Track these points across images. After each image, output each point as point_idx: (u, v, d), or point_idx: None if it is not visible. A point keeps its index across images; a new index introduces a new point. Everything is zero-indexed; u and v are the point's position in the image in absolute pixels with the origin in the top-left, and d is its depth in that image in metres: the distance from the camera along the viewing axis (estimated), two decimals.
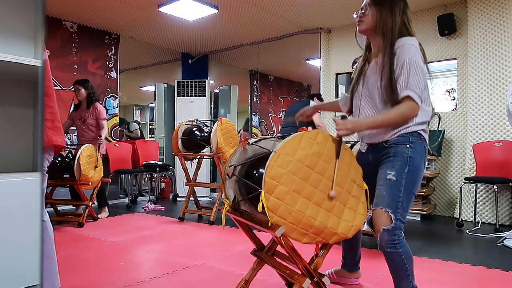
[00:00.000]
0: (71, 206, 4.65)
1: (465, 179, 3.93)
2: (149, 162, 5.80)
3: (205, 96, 6.38)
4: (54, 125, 1.62)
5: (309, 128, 1.63)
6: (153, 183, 6.15)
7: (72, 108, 4.48)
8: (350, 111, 1.99)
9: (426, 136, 1.77)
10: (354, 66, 2.07)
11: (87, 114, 4.20)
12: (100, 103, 4.39)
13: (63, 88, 5.11)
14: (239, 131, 7.88)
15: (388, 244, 1.64)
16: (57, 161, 3.90)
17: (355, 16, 1.81)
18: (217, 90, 7.26)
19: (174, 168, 6.12)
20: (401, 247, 1.66)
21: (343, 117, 1.65)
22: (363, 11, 1.76)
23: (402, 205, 1.65)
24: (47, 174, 1.72)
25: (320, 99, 4.33)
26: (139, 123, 8.56)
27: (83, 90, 4.19)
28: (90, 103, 4.20)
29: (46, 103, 1.56)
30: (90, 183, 3.92)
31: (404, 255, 1.67)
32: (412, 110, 1.64)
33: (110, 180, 4.59)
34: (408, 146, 1.68)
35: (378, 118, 1.70)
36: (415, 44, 1.69)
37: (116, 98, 5.80)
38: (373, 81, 1.76)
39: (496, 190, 3.84)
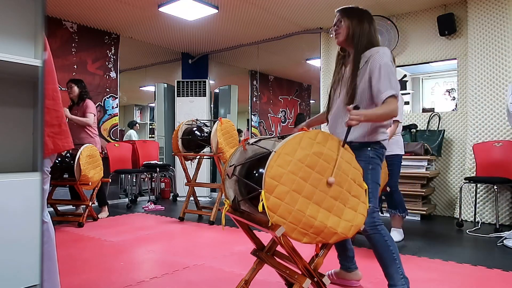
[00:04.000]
0: (71, 206, 4.65)
1: (465, 179, 3.93)
2: (149, 162, 5.80)
3: (205, 96, 6.38)
4: (61, 129, 1.61)
5: (310, 128, 1.63)
6: (153, 183, 6.15)
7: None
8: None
9: (385, 142, 1.99)
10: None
11: (78, 111, 4.21)
12: (100, 103, 4.39)
13: (62, 89, 5.10)
14: (244, 131, 7.89)
15: (369, 226, 1.85)
16: (57, 161, 3.90)
17: (330, 31, 2.02)
18: (217, 90, 7.26)
19: (174, 168, 6.12)
20: (382, 229, 1.88)
21: (356, 107, 1.69)
22: (337, 25, 1.98)
23: (373, 194, 1.90)
24: (50, 175, 1.71)
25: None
26: (133, 124, 8.60)
27: (75, 88, 4.24)
28: (81, 100, 4.23)
29: (51, 107, 1.56)
30: (90, 183, 3.92)
31: (387, 237, 1.88)
32: (396, 109, 1.82)
33: (110, 180, 4.59)
34: (369, 149, 1.93)
35: (372, 112, 1.82)
36: (387, 53, 1.87)
37: (116, 98, 5.80)
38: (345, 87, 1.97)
39: (496, 190, 3.84)
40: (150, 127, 10.10)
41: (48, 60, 1.54)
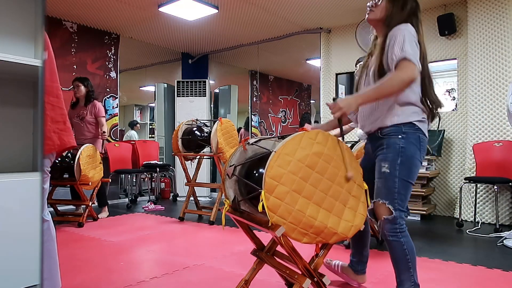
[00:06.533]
0: (71, 206, 4.65)
1: (465, 179, 3.93)
2: (149, 162, 5.80)
3: (205, 96, 6.38)
4: (65, 126, 1.63)
5: (309, 128, 1.63)
6: (153, 183, 6.15)
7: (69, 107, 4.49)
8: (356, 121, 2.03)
9: (423, 126, 1.74)
10: (357, 65, 2.11)
11: (86, 111, 4.21)
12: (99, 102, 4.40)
13: (62, 88, 5.09)
14: (240, 129, 7.88)
15: (390, 232, 1.71)
16: (57, 161, 3.90)
17: (368, 4, 1.85)
18: (217, 90, 7.26)
19: (174, 168, 6.12)
20: (403, 236, 1.71)
21: (334, 99, 1.63)
22: (376, 2, 1.82)
23: (400, 195, 1.69)
24: (49, 174, 1.72)
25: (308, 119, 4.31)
26: (133, 124, 8.59)
27: (82, 87, 4.22)
28: (88, 101, 4.22)
29: (56, 104, 1.58)
30: (90, 183, 3.92)
31: (406, 245, 1.71)
32: (411, 72, 1.58)
33: (110, 180, 4.59)
34: (400, 136, 1.69)
35: (369, 89, 1.66)
36: (409, 29, 1.70)
37: (116, 98, 5.80)
38: (372, 70, 1.82)
39: (496, 190, 3.84)
40: (150, 127, 10.10)
41: (51, 59, 1.56)
